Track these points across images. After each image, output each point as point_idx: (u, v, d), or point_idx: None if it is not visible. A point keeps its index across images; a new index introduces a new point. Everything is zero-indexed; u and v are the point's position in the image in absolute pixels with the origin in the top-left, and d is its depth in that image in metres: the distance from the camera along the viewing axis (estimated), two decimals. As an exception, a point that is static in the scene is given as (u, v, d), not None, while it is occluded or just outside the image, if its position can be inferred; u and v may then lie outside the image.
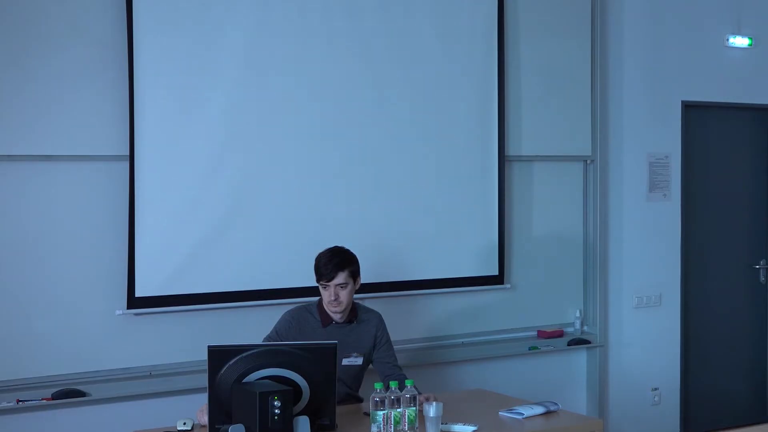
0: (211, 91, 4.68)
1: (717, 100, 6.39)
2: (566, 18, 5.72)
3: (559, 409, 4.08)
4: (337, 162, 5.01)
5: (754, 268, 6.67)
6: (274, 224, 4.83)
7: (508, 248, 5.53)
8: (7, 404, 4.28)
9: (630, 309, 6.07)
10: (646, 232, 6.10)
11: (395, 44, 5.15)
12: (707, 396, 6.47)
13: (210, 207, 4.69)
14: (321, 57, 4.94)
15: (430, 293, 5.31)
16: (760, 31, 6.48)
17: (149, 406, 4.55)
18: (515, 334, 5.61)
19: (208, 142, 4.69)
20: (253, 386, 3.44)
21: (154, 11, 4.53)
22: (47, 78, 4.37)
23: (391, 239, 5.14)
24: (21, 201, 4.36)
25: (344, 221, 4.99)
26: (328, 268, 4.11)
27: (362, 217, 5.06)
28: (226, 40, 4.71)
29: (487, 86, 5.42)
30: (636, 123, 6.05)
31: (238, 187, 4.76)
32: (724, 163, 6.52)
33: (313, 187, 4.94)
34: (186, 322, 4.67)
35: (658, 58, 6.13)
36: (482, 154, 5.42)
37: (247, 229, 4.77)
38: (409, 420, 3.61)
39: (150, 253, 4.54)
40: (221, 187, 4.71)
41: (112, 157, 4.50)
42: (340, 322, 4.21)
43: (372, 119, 5.10)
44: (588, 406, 5.89)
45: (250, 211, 4.78)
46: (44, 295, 4.40)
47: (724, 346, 6.54)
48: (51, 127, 4.39)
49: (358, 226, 5.02)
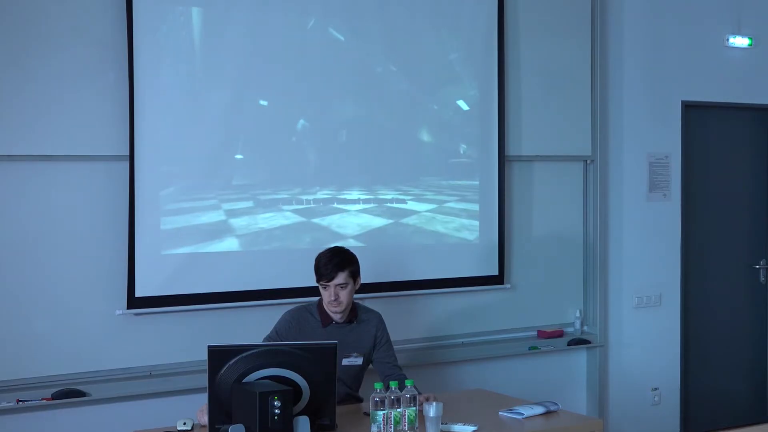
0: (211, 91, 4.68)
1: (717, 100, 6.39)
2: (566, 18, 5.72)
3: (559, 409, 4.08)
4: (337, 162, 5.01)
5: (754, 268, 6.67)
6: (274, 224, 4.83)
7: (508, 248, 5.53)
8: (7, 404, 4.28)
9: (630, 309, 6.07)
10: (646, 232, 6.10)
11: (395, 44, 5.15)
12: (707, 396, 6.47)
13: (210, 206, 4.68)
14: (321, 57, 4.94)
15: (430, 293, 5.31)
16: (760, 31, 6.48)
17: (149, 406, 4.55)
18: (515, 334, 5.61)
19: (208, 142, 4.69)
20: (253, 386, 3.44)
21: (154, 11, 4.53)
22: (47, 78, 4.37)
23: (391, 239, 5.14)
24: (21, 201, 4.36)
25: (344, 221, 4.99)
26: (328, 268, 4.11)
27: (362, 217, 5.06)
28: (226, 40, 4.71)
29: (487, 86, 5.42)
30: (636, 123, 6.05)
31: (237, 187, 4.76)
32: (724, 163, 6.52)
33: (313, 187, 4.94)
34: (186, 322, 4.67)
35: (658, 58, 6.13)
36: (482, 154, 5.43)
37: (247, 229, 4.77)
38: (409, 420, 3.61)
39: (150, 253, 4.54)
40: (221, 186, 4.71)
41: (112, 157, 4.50)
42: (340, 322, 4.20)
43: (372, 119, 5.10)
44: (588, 406, 5.89)
45: (249, 211, 4.78)
46: (44, 295, 4.40)
47: (724, 346, 6.54)
48: (51, 127, 4.39)
49: (358, 226, 5.03)
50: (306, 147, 4.93)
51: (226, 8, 4.70)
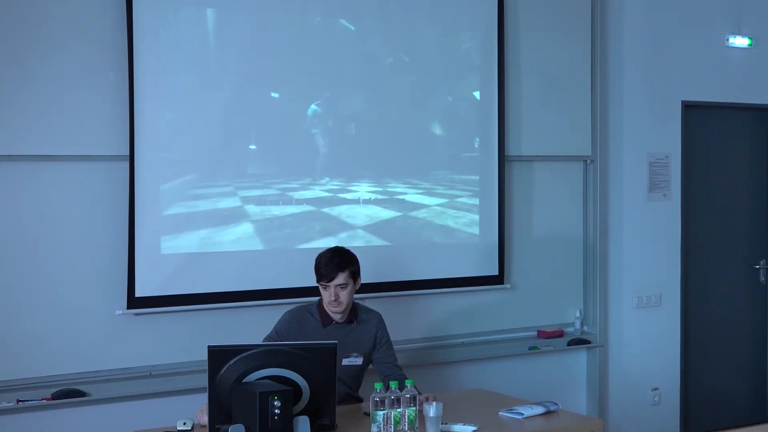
0: (211, 91, 4.68)
1: (717, 100, 6.39)
2: (566, 18, 5.72)
3: (559, 409, 4.08)
4: (337, 162, 5.01)
5: (754, 268, 6.67)
6: (274, 224, 4.84)
7: (508, 248, 5.53)
8: (7, 404, 4.28)
9: (630, 309, 6.07)
10: (646, 232, 6.10)
11: (395, 44, 5.15)
12: (707, 396, 6.47)
13: (210, 206, 4.68)
14: (321, 57, 4.94)
15: (430, 293, 5.31)
16: (760, 31, 6.48)
17: (149, 406, 4.55)
18: (515, 334, 5.61)
19: (208, 142, 4.69)
20: (253, 386, 3.44)
21: (154, 11, 4.53)
22: (47, 78, 4.37)
23: (391, 239, 5.14)
24: (21, 201, 4.36)
25: (344, 221, 4.99)
26: (328, 269, 4.10)
27: (362, 217, 5.06)
28: (226, 40, 4.71)
29: (487, 86, 5.42)
30: (636, 123, 6.05)
31: (237, 187, 4.75)
32: (724, 163, 6.52)
33: (313, 187, 4.94)
34: (186, 322, 4.67)
35: (658, 58, 6.13)
36: (482, 154, 5.43)
37: (247, 229, 4.77)
38: (409, 420, 3.61)
39: (150, 253, 4.54)
40: (221, 186, 4.71)
41: (112, 157, 4.50)
42: (340, 322, 4.20)
43: (372, 119, 5.10)
44: (588, 406, 5.89)
45: (249, 211, 4.78)
46: (44, 295, 4.40)
47: (724, 346, 6.54)
48: (51, 127, 4.39)
49: (359, 226, 5.03)
50: (306, 146, 4.93)
51: (226, 8, 4.70)
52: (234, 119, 4.75)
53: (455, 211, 5.36)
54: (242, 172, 4.78)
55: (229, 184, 4.74)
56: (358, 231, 4.99)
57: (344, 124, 5.03)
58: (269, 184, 4.83)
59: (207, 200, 4.68)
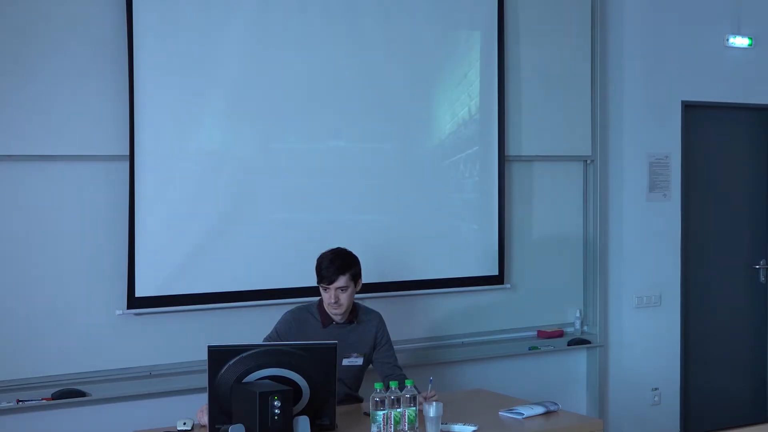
0: (211, 91, 4.68)
1: (717, 100, 6.39)
2: (566, 18, 5.72)
3: (559, 409, 4.08)
4: (338, 162, 5.01)
5: (754, 268, 6.67)
6: (274, 224, 4.84)
7: (508, 248, 5.53)
8: (7, 404, 4.28)
9: (630, 309, 6.07)
10: (646, 232, 6.10)
11: (395, 44, 5.15)
12: (707, 396, 6.47)
13: (210, 207, 4.69)
14: (321, 57, 4.94)
15: (431, 293, 5.31)
16: (760, 31, 6.48)
17: (149, 406, 4.55)
18: (515, 334, 5.61)
19: (207, 142, 4.69)
20: (253, 386, 3.44)
21: (154, 11, 4.53)
22: (47, 78, 4.37)
23: (391, 239, 5.14)
24: (21, 201, 4.36)
25: (344, 221, 4.99)
26: (329, 271, 4.10)
27: (362, 217, 5.06)
28: (226, 40, 4.71)
29: (487, 86, 5.42)
30: (636, 123, 6.05)
31: (238, 187, 4.76)
32: (724, 163, 6.52)
33: (314, 187, 4.94)
34: (186, 322, 4.67)
35: (658, 58, 6.13)
36: (482, 154, 5.43)
37: (247, 229, 4.77)
38: (409, 420, 3.61)
39: (150, 253, 4.54)
40: (221, 186, 4.71)
41: (112, 157, 4.50)
42: (341, 323, 4.20)
43: (372, 119, 5.10)
44: (588, 406, 5.89)
45: (250, 211, 4.78)
46: (44, 295, 4.40)
47: (724, 346, 6.54)
48: (51, 127, 4.39)
49: (359, 226, 5.03)
50: (306, 146, 4.93)
51: (226, 8, 4.70)
52: (234, 119, 4.75)
53: (455, 211, 5.36)
54: (242, 172, 4.77)
55: (229, 184, 4.74)
56: (359, 231, 4.98)
57: (344, 123, 5.03)
58: (269, 183, 4.83)
59: (207, 200, 4.68)
